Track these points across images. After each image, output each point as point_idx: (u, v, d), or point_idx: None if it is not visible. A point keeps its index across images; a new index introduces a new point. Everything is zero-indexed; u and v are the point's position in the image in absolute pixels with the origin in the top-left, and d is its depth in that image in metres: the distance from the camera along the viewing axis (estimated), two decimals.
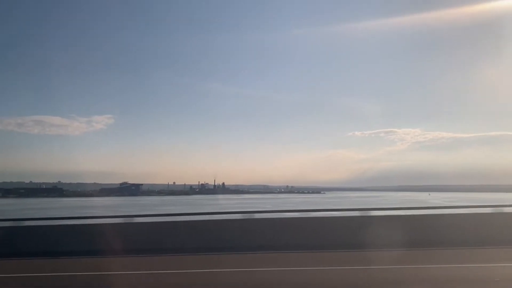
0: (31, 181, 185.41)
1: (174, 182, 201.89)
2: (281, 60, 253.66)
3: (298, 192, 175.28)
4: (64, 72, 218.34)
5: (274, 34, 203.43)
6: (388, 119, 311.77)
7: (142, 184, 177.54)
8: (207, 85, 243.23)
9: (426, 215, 13.25)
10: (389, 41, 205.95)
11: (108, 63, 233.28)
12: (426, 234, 11.63)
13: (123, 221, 12.90)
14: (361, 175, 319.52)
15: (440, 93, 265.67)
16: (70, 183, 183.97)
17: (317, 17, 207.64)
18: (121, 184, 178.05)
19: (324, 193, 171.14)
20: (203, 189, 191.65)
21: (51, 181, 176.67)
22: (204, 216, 15.33)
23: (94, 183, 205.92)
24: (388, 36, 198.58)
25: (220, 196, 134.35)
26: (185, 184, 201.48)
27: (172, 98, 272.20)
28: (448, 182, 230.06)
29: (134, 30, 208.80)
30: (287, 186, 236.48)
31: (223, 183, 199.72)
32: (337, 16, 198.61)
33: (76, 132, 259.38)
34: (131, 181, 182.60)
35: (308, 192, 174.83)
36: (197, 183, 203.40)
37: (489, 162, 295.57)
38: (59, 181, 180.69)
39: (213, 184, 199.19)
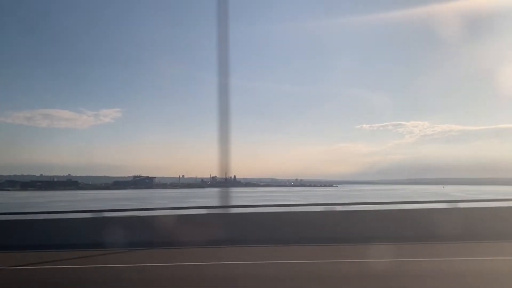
0: (41, 174, 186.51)
1: (183, 175, 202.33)
2: (290, 52, 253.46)
3: (310, 185, 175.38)
4: (72, 66, 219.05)
5: (282, 27, 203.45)
6: (396, 111, 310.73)
7: (155, 177, 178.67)
8: (215, 78, 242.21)
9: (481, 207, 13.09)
10: (398, 33, 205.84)
11: (116, 57, 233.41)
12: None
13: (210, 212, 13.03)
14: (370, 168, 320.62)
15: (448, 85, 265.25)
16: (80, 176, 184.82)
17: (327, 10, 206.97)
18: (134, 177, 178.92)
19: (336, 186, 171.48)
20: (214, 182, 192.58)
21: (61, 174, 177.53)
22: (281, 208, 15.43)
23: (104, 176, 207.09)
24: (397, 28, 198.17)
25: (239, 189, 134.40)
26: (196, 177, 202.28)
27: (180, 92, 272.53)
28: (457, 175, 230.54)
29: (143, 22, 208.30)
30: (296, 179, 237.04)
31: (234, 176, 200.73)
32: (346, 8, 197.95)
33: (84, 125, 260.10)
34: (143, 174, 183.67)
35: (321, 185, 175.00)
36: (206, 176, 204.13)
37: (498, 155, 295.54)
38: (69, 174, 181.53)
39: (225, 177, 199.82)
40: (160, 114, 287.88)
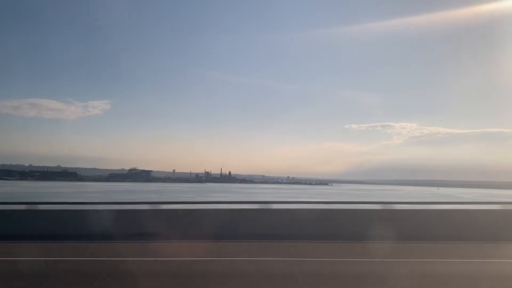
0: (30, 164, 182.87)
1: (174, 170, 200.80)
2: (283, 53, 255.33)
3: (306, 183, 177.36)
4: (60, 56, 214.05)
5: (277, 31, 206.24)
6: (385, 112, 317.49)
7: (152, 171, 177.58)
8: (207, 73, 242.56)
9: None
10: (389, 38, 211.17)
11: (107, 48, 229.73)
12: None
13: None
14: (358, 168, 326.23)
15: (437, 88, 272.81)
16: (69, 167, 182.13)
17: (319, 18, 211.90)
18: (129, 170, 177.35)
19: (332, 185, 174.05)
20: (209, 178, 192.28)
21: (50, 165, 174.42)
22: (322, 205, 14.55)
23: (94, 168, 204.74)
24: (388, 34, 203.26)
25: (243, 186, 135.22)
26: (191, 172, 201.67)
27: (170, 86, 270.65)
28: (444, 177, 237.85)
29: (134, 14, 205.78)
30: (288, 176, 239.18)
31: (230, 172, 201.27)
32: (338, 17, 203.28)
33: (72, 116, 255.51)
34: (138, 167, 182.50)
35: (316, 184, 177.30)
36: (197, 171, 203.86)
37: (484, 159, 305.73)
38: (58, 165, 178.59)
39: (220, 173, 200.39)
40: (149, 107, 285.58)
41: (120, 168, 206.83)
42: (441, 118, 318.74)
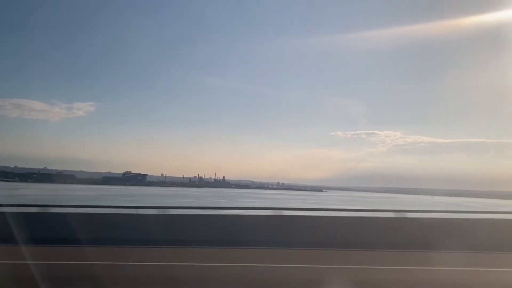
0: (16, 166, 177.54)
1: (161, 174, 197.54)
2: (272, 59, 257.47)
3: (300, 190, 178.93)
4: (44, 55, 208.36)
5: (266, 39, 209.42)
6: (370, 121, 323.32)
7: (147, 175, 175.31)
8: (194, 77, 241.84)
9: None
10: (375, 48, 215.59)
11: (92, 49, 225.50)
12: None
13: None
14: (343, 175, 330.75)
15: (421, 98, 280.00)
16: (56, 169, 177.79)
17: (308, 27, 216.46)
18: (124, 173, 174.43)
19: (326, 191, 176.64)
20: (202, 182, 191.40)
21: (36, 167, 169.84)
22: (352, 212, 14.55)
23: (81, 171, 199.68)
24: (374, 44, 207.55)
25: (240, 191, 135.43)
26: (183, 176, 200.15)
27: (156, 89, 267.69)
28: (426, 186, 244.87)
29: (120, 14, 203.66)
30: (278, 182, 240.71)
31: (224, 177, 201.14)
32: (327, 26, 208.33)
33: (56, 118, 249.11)
34: (115, 171, 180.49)
35: (310, 190, 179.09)
36: (188, 176, 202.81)
37: (466, 168, 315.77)
38: (45, 167, 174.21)
39: (214, 178, 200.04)
40: (135, 110, 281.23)
41: (107, 171, 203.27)
42: (425, 127, 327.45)
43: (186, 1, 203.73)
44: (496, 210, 15.60)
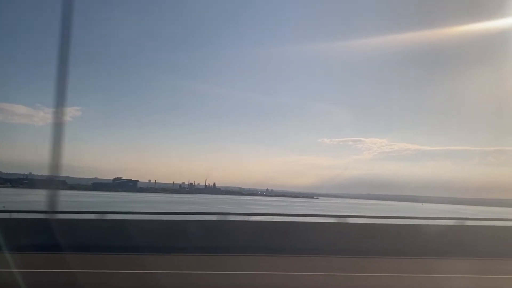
0: (0, 171, 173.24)
1: (150, 180, 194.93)
2: (260, 65, 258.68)
3: (292, 196, 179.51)
4: (28, 58, 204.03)
5: (255, 45, 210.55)
6: (356, 128, 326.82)
7: (138, 181, 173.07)
8: (180, 82, 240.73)
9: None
10: (362, 56, 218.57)
11: (78, 53, 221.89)
12: None
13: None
14: (329, 182, 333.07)
15: (407, 105, 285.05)
16: (42, 175, 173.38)
17: (296, 34, 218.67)
18: (114, 179, 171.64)
19: (317, 198, 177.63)
20: (193, 189, 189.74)
21: (21, 172, 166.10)
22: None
23: (67, 177, 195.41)
24: (361, 52, 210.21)
25: (238, 197, 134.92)
26: (173, 183, 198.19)
27: (144, 94, 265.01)
28: (411, 193, 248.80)
29: (104, 18, 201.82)
30: (267, 189, 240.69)
31: (214, 184, 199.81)
32: (314, 33, 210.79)
33: (41, 122, 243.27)
34: (102, 177, 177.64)
35: (302, 197, 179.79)
36: (178, 182, 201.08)
37: (450, 176, 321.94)
38: (30, 173, 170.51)
39: (205, 184, 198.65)
40: (122, 116, 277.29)
41: (93, 177, 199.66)
42: (410, 135, 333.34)
43: (174, 6, 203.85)
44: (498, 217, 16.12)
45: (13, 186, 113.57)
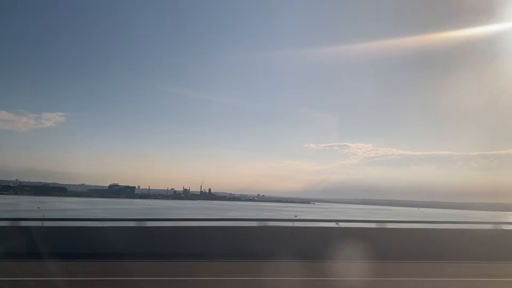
0: None
1: (138, 186, 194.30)
2: (246, 72, 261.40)
3: (287, 202, 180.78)
4: (11, 64, 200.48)
5: (242, 50, 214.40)
6: (342, 133, 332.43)
7: (135, 187, 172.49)
8: (166, 88, 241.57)
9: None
10: (349, 62, 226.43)
11: (63, 58, 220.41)
12: None
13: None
14: (316, 186, 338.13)
15: (392, 112, 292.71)
16: (29, 181, 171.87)
17: (284, 40, 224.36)
18: (110, 186, 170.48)
19: (313, 203, 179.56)
20: (188, 195, 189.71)
21: (7, 179, 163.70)
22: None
23: (54, 183, 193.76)
24: (348, 58, 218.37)
25: (236, 203, 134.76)
26: (168, 189, 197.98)
27: (129, 100, 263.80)
28: (397, 197, 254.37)
29: (90, 24, 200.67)
30: (258, 194, 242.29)
31: (210, 189, 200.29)
32: (302, 39, 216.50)
33: (24, 128, 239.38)
34: (89, 183, 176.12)
35: (299, 202, 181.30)
36: (172, 188, 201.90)
37: (434, 180, 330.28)
38: (17, 179, 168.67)
39: (200, 190, 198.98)
40: (106, 121, 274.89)
41: (81, 183, 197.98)
42: (395, 140, 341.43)
43: (160, 12, 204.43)
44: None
45: (17, 194, 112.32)
